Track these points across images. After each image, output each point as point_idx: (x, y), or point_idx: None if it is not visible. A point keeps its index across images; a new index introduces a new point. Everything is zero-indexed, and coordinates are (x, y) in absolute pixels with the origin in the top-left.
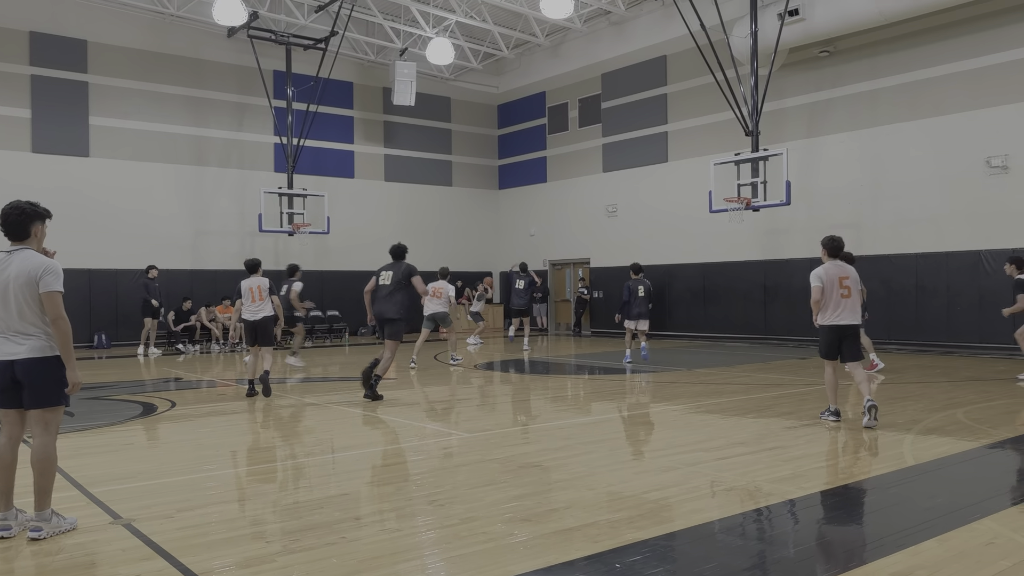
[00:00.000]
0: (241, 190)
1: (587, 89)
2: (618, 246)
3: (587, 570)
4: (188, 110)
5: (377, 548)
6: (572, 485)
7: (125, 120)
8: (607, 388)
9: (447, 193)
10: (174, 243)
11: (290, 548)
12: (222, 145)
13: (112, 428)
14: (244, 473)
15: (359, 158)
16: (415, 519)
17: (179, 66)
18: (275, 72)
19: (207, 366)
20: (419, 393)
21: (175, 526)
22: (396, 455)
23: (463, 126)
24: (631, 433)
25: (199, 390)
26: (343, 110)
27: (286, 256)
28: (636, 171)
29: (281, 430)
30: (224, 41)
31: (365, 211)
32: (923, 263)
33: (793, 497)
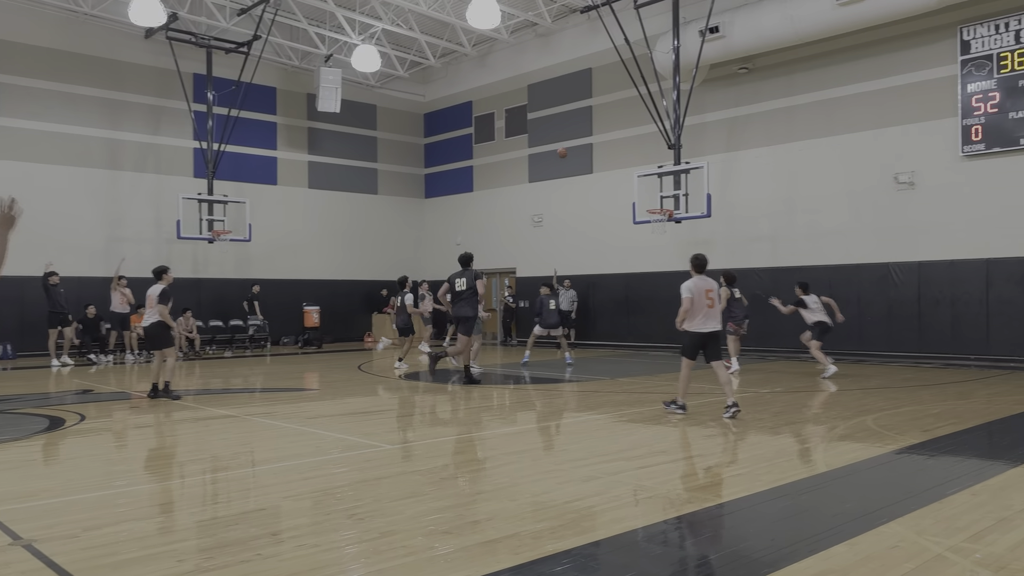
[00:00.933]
0: (158, 196)
1: (514, 99)
2: (544, 256)
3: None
4: (103, 112)
5: (294, 564)
6: (495, 496)
7: (35, 121)
8: (532, 398)
9: (372, 201)
10: (86, 249)
11: (203, 567)
12: (138, 149)
13: (14, 443)
14: (157, 489)
15: (282, 164)
16: (334, 534)
17: (94, 67)
18: (195, 75)
19: (120, 377)
20: (343, 404)
21: (80, 546)
22: (316, 468)
23: (389, 134)
24: (554, 443)
25: (111, 403)
26: (266, 115)
27: (205, 263)
28: (561, 182)
29: (197, 443)
30: (141, 42)
31: (288, 218)
32: (835, 275)
33: (712, 504)
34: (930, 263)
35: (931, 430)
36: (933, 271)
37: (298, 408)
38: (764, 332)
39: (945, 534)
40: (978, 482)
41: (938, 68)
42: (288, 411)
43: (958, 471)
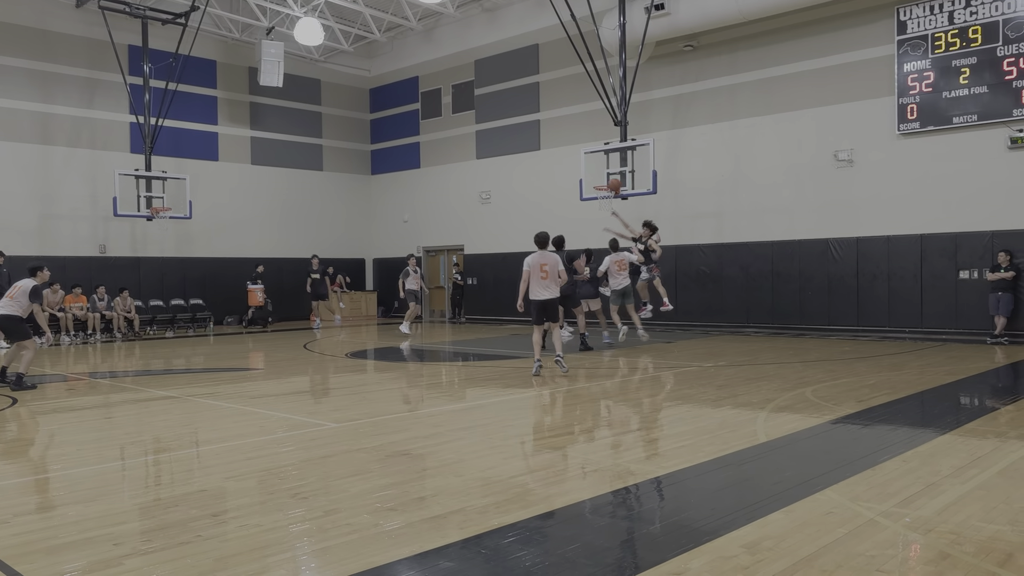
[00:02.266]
0: (93, 171)
1: (460, 75)
2: (492, 233)
3: (454, 556)
4: (33, 84)
5: (235, 545)
6: (441, 472)
7: None
8: (480, 375)
9: (318, 178)
10: (17, 227)
11: (140, 550)
12: (71, 123)
13: None
14: (94, 472)
15: (223, 140)
16: (278, 513)
17: (22, 37)
18: (130, 47)
19: (56, 359)
20: (288, 383)
21: (11, 532)
22: (260, 448)
23: (334, 109)
24: (501, 419)
25: (46, 385)
26: (206, 89)
27: (144, 242)
28: (509, 158)
29: (138, 425)
30: (73, 12)
31: (230, 195)
32: (777, 250)
33: (655, 476)
34: (868, 239)
35: (866, 400)
36: (871, 246)
37: (242, 388)
38: (711, 308)
39: (877, 500)
40: (909, 449)
41: (876, 48)
42: (232, 391)
43: (891, 439)
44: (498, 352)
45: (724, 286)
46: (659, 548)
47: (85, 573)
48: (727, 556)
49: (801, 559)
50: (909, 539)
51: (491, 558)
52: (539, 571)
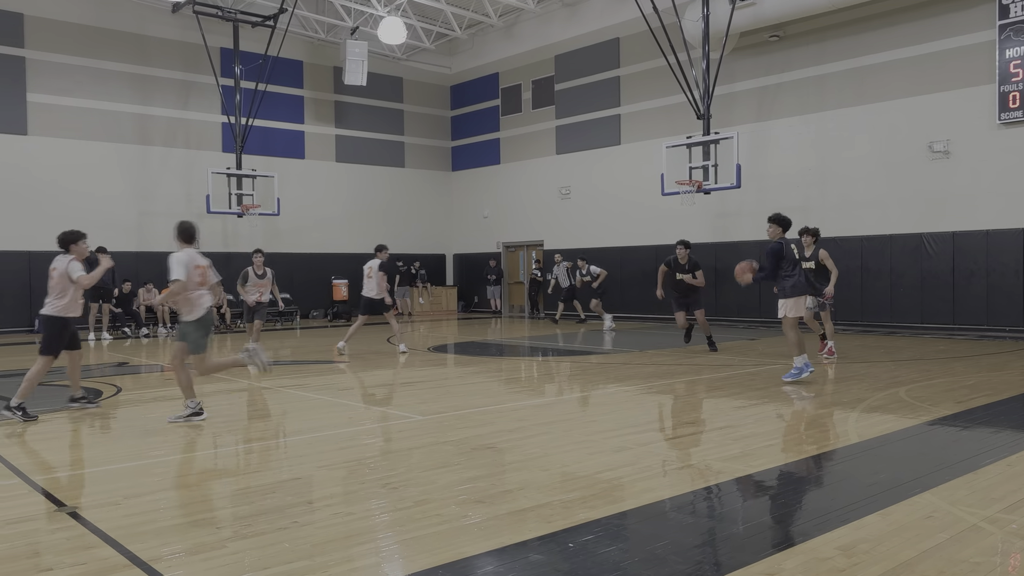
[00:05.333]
0: (188, 170)
1: (540, 71)
2: (571, 228)
3: (540, 550)
4: (132, 87)
5: (330, 532)
6: (526, 466)
7: (65, 97)
8: (560, 370)
9: (399, 174)
10: (118, 224)
11: (241, 533)
12: (167, 124)
13: (55, 414)
14: (194, 458)
15: (309, 138)
16: (368, 502)
17: (122, 42)
18: (222, 49)
19: (153, 350)
20: (373, 376)
21: (121, 513)
22: (349, 439)
23: (415, 107)
24: (584, 414)
25: (145, 375)
26: (293, 89)
27: (234, 238)
28: (589, 153)
29: (232, 414)
30: (169, 17)
31: (315, 192)
32: (868, 245)
33: (742, 475)
34: (965, 233)
35: (965, 402)
36: (968, 241)
37: (330, 380)
38: None
39: (980, 505)
40: (1014, 453)
41: (975, 33)
42: (320, 383)
43: (993, 442)
44: (579, 348)
45: None
46: (750, 548)
47: (192, 554)
48: (822, 558)
49: (900, 563)
50: (1017, 546)
51: (578, 552)
52: (628, 567)
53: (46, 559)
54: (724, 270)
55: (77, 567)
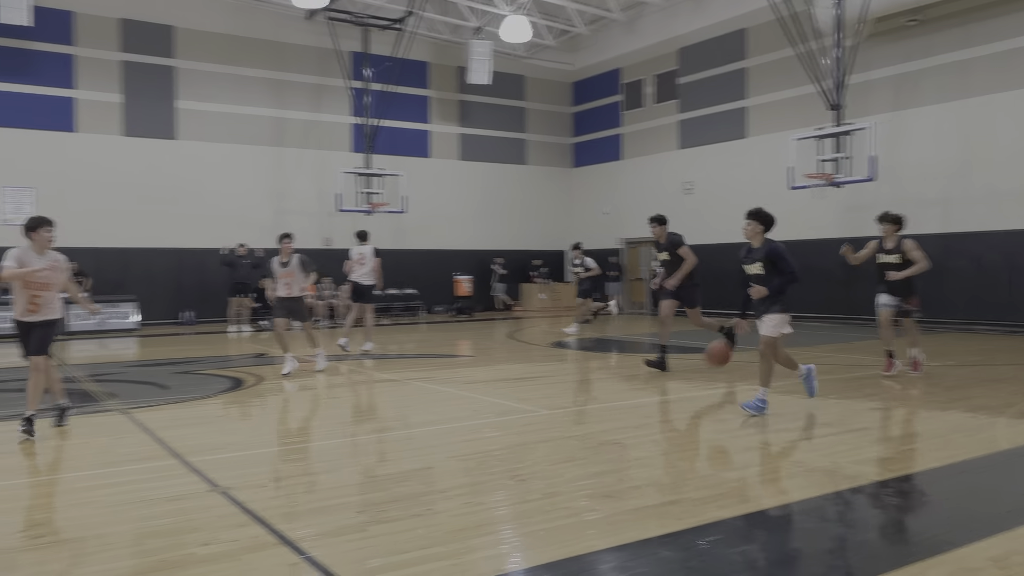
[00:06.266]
0: (320, 170)
1: (663, 64)
2: (693, 224)
3: (670, 546)
4: (269, 92)
5: (462, 520)
6: (652, 463)
7: (209, 103)
8: (683, 367)
9: (521, 172)
10: (255, 222)
11: (378, 519)
12: (301, 126)
13: (204, 401)
14: (330, 446)
15: (434, 137)
16: (497, 493)
17: (261, 49)
18: (353, 53)
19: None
20: (497, 370)
21: (268, 495)
22: (476, 431)
23: (537, 104)
24: (712, 412)
25: (280, 366)
26: (419, 90)
27: None
28: (713, 147)
29: (362, 405)
30: (303, 23)
31: (440, 190)
32: (1016, 240)
33: (879, 479)
34: None
35: None
36: None
37: (455, 373)
38: (932, 302)
39: None
40: None
41: None
42: (446, 376)
43: None
44: (702, 344)
45: (948, 279)
46: (892, 554)
47: (333, 536)
48: (971, 568)
49: None
50: None
51: (709, 551)
52: (761, 568)
53: (204, 534)
54: (856, 266)
55: (232, 543)
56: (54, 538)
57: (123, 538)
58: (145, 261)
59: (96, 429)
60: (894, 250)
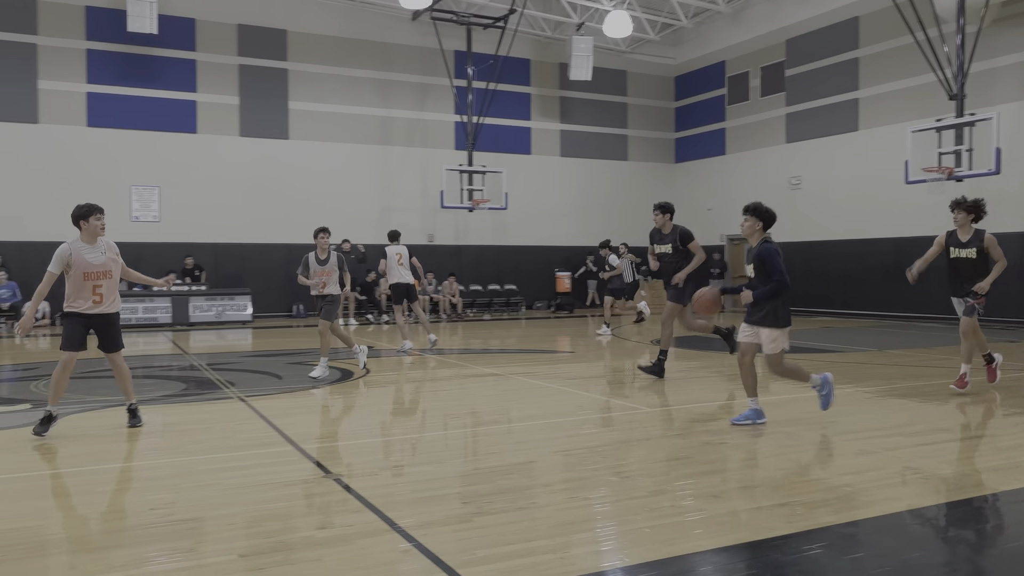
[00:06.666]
0: (424, 168)
1: (770, 56)
2: (801, 221)
3: (781, 549)
4: (376, 92)
5: (567, 515)
6: (761, 464)
7: (319, 103)
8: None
9: (622, 167)
10: (362, 219)
11: (484, 510)
12: (406, 124)
13: (315, 391)
14: (435, 438)
15: (535, 134)
16: (601, 489)
17: (368, 50)
18: (456, 52)
19: (393, 336)
20: (599, 367)
21: (378, 483)
22: (579, 426)
23: (639, 99)
24: (822, 414)
25: (388, 359)
26: (520, 87)
27: (465, 231)
28: (823, 141)
29: (466, 398)
30: (409, 24)
31: (541, 187)
32: None
33: (1007, 489)
34: None
35: None
36: None
37: (557, 369)
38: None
39: None
40: None
41: None
42: (548, 371)
43: None
44: (810, 345)
45: None
46: (1017, 571)
47: (442, 525)
48: None
49: None
50: None
51: (821, 556)
52: (882, 574)
53: (320, 518)
54: None
55: (346, 528)
56: (182, 516)
57: (244, 519)
58: (259, 256)
59: (217, 415)
60: (970, 243)
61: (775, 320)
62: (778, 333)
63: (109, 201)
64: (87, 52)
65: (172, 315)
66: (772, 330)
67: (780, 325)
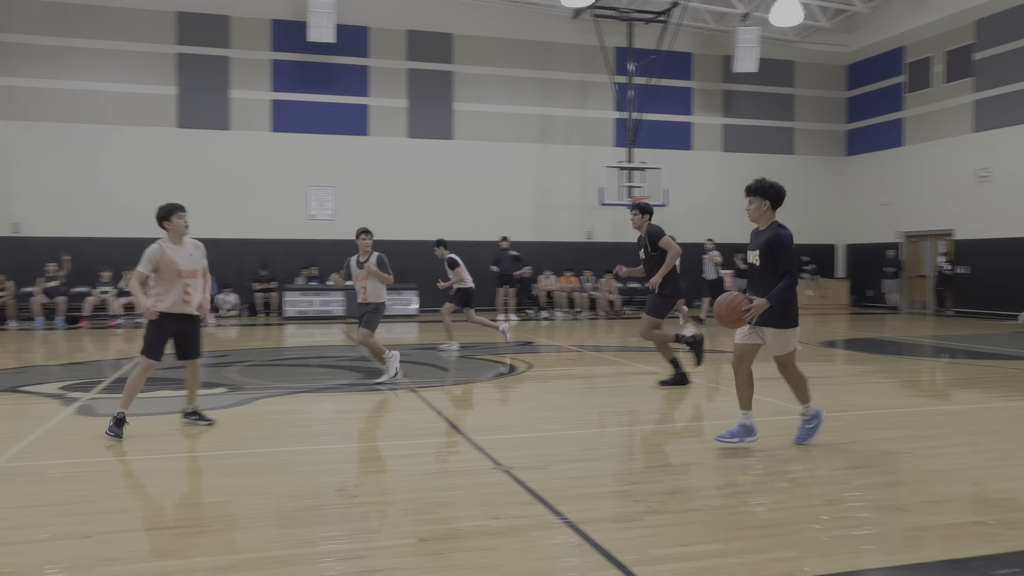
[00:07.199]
0: (583, 165)
1: (955, 39)
2: (989, 217)
3: (965, 571)
4: (537, 91)
5: (739, 519)
6: (950, 477)
7: (482, 104)
8: (978, 374)
9: (788, 162)
10: (520, 216)
11: (655, 509)
12: (566, 123)
13: (482, 384)
14: (602, 434)
15: (697, 129)
16: (776, 495)
17: (529, 50)
18: (616, 48)
19: (552, 332)
20: (762, 368)
21: (547, 476)
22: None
23: (807, 90)
24: (1019, 426)
25: (547, 354)
26: (681, 82)
27: (624, 228)
28: (1017, 129)
29: (632, 396)
30: (570, 22)
31: (702, 182)
32: None
33: None
34: None
35: None
36: None
37: (723, 369)
38: None
39: None
40: None
41: None
42: (709, 371)
43: None
44: (1001, 351)
45: None
46: None
47: (614, 522)
48: None
49: None
50: None
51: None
52: None
53: (492, 508)
54: None
55: (519, 519)
56: (364, 499)
57: (421, 505)
58: (424, 252)
59: (389, 404)
60: None
61: (785, 319)
62: (789, 333)
63: (289, 201)
64: (272, 62)
65: (345, 308)
66: (783, 331)
67: (790, 324)
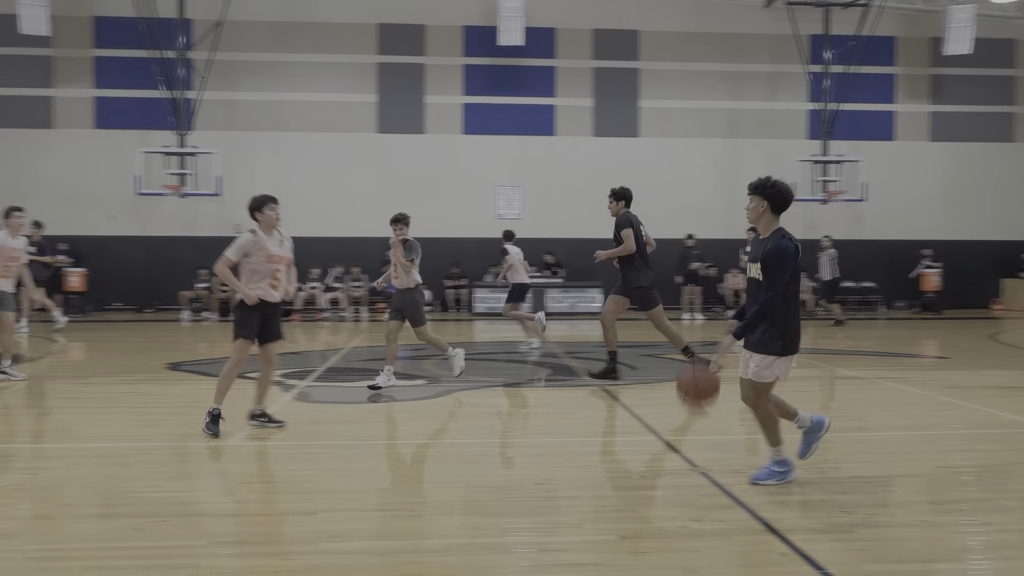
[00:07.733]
0: (772, 160)
1: None
2: None
3: None
4: (724, 84)
5: (964, 539)
6: None
7: (668, 100)
8: None
9: (1008, 150)
10: (706, 213)
11: (866, 522)
12: (755, 116)
13: (669, 384)
14: (796, 440)
15: (900, 118)
16: (1002, 515)
17: (717, 43)
18: (811, 37)
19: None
20: (982, 376)
21: (743, 481)
22: (970, 441)
23: None
24: None
25: (737, 355)
26: (882, 68)
27: (818, 224)
28: None
29: (827, 400)
30: (760, 12)
31: (905, 175)
32: None
33: None
34: None
35: None
36: None
37: (930, 375)
38: None
39: None
40: None
41: None
42: (920, 378)
43: None
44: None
45: None
46: None
47: (823, 533)
48: None
49: None
50: None
51: None
52: None
53: (694, 511)
54: None
55: (720, 523)
56: (564, 493)
57: (619, 502)
58: None
59: (580, 401)
60: None
61: (781, 344)
62: (777, 361)
63: (478, 200)
64: (464, 67)
65: (532, 305)
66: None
67: (785, 352)
